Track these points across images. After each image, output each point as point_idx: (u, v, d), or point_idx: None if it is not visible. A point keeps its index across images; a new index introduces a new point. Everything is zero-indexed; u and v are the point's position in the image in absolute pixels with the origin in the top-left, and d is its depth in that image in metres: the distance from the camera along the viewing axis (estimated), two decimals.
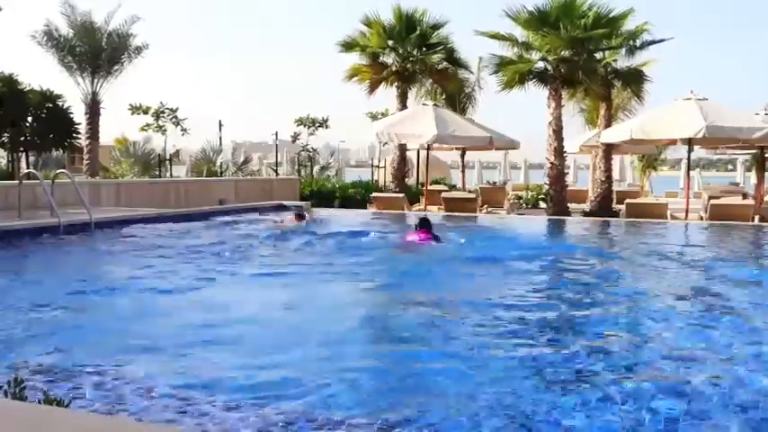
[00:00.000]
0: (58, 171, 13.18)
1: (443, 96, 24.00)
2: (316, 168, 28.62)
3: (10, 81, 18.32)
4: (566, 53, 18.49)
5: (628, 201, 16.33)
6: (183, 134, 35.54)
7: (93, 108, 24.96)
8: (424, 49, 21.86)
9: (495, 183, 27.01)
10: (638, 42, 19.54)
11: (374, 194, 18.64)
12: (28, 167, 20.11)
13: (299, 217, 13.09)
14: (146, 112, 34.85)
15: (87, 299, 6.77)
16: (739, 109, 17.05)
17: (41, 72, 22.98)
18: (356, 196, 19.82)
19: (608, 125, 19.60)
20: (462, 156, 23.64)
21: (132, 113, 34.69)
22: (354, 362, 4.83)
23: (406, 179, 23.20)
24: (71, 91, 24.89)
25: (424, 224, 10.46)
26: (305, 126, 34.23)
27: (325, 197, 19.46)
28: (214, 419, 3.59)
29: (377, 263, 9.60)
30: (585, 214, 18.86)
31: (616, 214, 17.71)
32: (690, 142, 16.52)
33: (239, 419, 3.60)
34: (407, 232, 10.89)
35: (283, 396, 3.96)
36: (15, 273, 8.23)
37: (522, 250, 10.35)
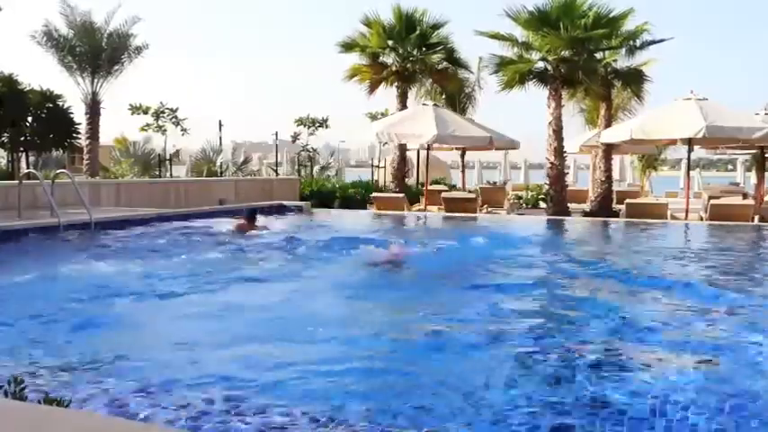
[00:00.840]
0: (58, 171, 13.18)
1: (443, 96, 24.01)
2: (316, 168, 28.61)
3: (10, 81, 18.33)
4: (566, 53, 18.49)
5: (628, 201, 16.34)
6: (183, 134, 35.55)
7: (93, 108, 24.96)
8: (424, 49, 21.88)
9: (495, 183, 27.01)
10: (638, 42, 19.55)
11: (374, 194, 18.66)
12: (28, 167, 20.11)
13: (250, 221, 10.94)
14: (146, 112, 34.84)
15: (85, 298, 6.76)
16: (739, 109, 17.07)
17: (41, 72, 23.01)
18: (356, 196, 19.82)
19: (608, 125, 19.61)
20: (462, 156, 23.65)
21: (132, 113, 34.69)
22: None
23: (406, 179, 23.21)
24: (71, 91, 24.91)
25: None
26: (305, 126, 34.23)
27: (325, 197, 19.45)
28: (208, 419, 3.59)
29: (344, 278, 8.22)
30: (585, 214, 18.86)
31: (616, 214, 17.71)
32: (690, 142, 16.53)
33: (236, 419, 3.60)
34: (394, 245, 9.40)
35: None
36: (14, 273, 8.23)
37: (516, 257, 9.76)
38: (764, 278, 9.17)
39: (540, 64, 19.02)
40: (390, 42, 21.82)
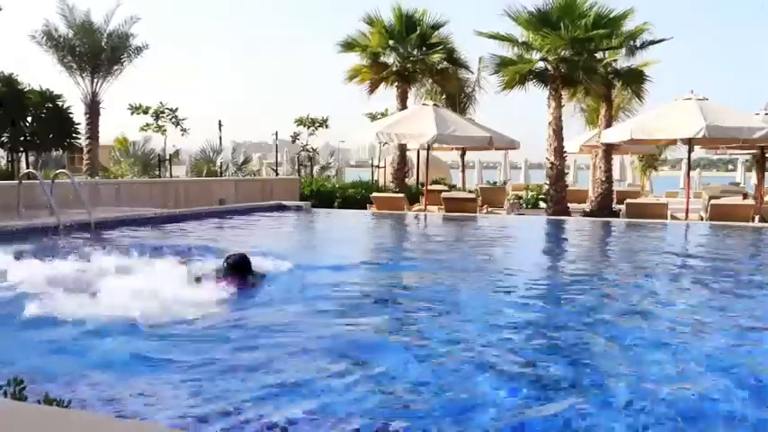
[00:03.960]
0: (57, 171, 13.18)
1: (443, 96, 24.02)
2: (316, 168, 28.61)
3: (10, 81, 18.34)
4: (566, 53, 18.50)
5: (628, 201, 16.34)
6: (182, 134, 35.50)
7: (93, 108, 24.98)
8: (425, 49, 21.91)
9: (495, 183, 27.01)
10: (638, 42, 19.59)
11: (374, 194, 18.64)
12: (28, 167, 20.12)
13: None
14: (146, 112, 34.80)
15: (82, 299, 6.72)
16: (739, 109, 17.07)
17: (41, 72, 23.05)
18: (356, 196, 19.82)
19: (608, 125, 19.63)
20: (462, 156, 23.66)
21: (132, 113, 34.65)
22: None
23: (406, 179, 23.21)
24: (71, 91, 24.93)
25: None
26: (305, 126, 34.16)
27: (325, 197, 19.46)
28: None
29: None
30: (585, 214, 18.87)
31: (616, 214, 17.71)
32: (690, 142, 16.53)
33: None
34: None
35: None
36: (12, 272, 8.20)
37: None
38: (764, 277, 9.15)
39: (541, 64, 19.03)
40: (391, 42, 21.84)
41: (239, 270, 6.53)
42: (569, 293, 7.49)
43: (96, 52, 24.60)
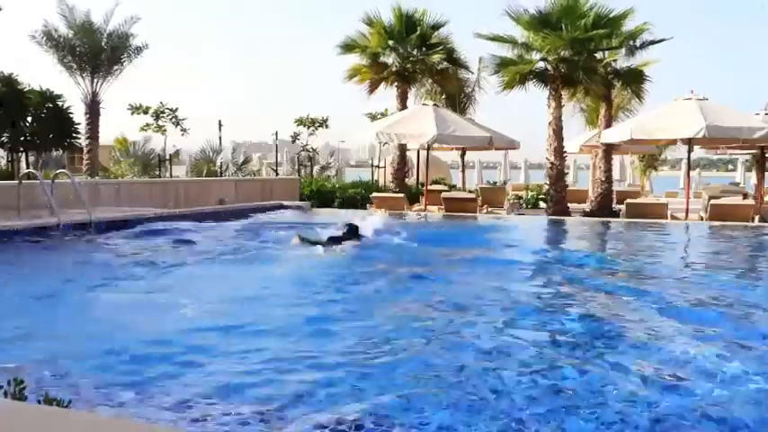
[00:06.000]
0: (57, 171, 13.17)
1: (443, 96, 23.99)
2: (316, 168, 28.58)
3: (10, 81, 18.33)
4: (566, 53, 18.48)
5: (628, 201, 16.34)
6: (182, 134, 35.46)
7: (93, 108, 24.96)
8: (424, 49, 21.88)
9: (495, 183, 26.98)
10: (637, 42, 19.57)
11: (374, 194, 18.64)
12: (28, 167, 20.11)
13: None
14: (146, 112, 34.77)
15: (81, 299, 6.74)
16: (739, 109, 17.06)
17: (41, 72, 23.03)
18: (356, 196, 19.80)
19: (608, 125, 19.61)
20: (462, 156, 23.64)
21: (132, 113, 34.61)
22: None
23: (406, 179, 23.19)
24: (71, 91, 24.88)
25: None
26: (305, 126, 34.12)
27: (325, 197, 19.44)
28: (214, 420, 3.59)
29: None
30: (585, 214, 18.86)
31: (616, 214, 17.71)
32: (690, 142, 16.53)
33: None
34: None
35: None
36: (11, 272, 8.22)
37: None
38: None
39: (541, 64, 19.01)
40: (391, 42, 21.81)
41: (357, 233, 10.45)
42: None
43: (96, 52, 24.58)
